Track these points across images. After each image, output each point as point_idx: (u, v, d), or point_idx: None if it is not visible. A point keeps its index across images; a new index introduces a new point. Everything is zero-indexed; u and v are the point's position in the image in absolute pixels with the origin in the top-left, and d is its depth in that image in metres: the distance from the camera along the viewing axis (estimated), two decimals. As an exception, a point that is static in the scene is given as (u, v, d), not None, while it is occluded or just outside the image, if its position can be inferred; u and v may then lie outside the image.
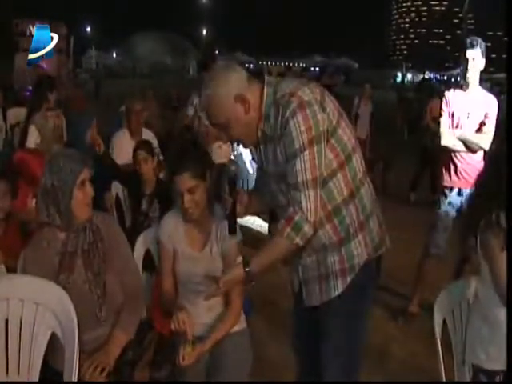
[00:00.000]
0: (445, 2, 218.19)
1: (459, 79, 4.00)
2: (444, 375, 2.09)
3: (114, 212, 3.85)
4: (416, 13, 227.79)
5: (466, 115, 3.66)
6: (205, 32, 77.02)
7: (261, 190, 2.10)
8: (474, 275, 2.17)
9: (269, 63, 69.37)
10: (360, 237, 1.95)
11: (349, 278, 1.95)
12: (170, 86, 12.67)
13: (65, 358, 1.99)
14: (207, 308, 2.30)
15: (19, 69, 13.58)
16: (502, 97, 6.56)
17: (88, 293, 2.12)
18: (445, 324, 2.17)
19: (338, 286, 1.96)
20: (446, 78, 53.09)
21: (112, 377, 2.05)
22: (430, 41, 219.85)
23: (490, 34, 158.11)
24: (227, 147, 5.28)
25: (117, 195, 3.94)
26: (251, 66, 51.14)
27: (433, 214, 3.85)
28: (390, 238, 2.07)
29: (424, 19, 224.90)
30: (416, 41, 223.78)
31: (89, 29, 70.06)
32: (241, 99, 1.86)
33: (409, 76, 67.85)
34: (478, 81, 3.67)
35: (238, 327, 2.36)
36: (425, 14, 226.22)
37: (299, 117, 1.77)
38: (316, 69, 41.13)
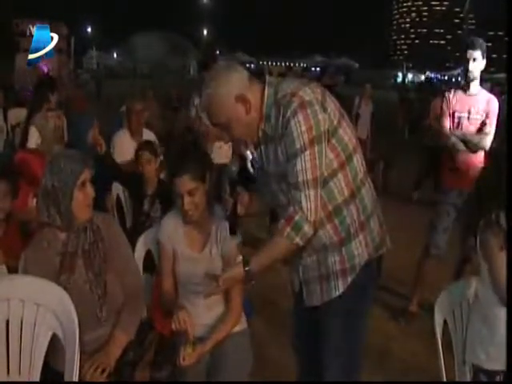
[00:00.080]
0: (446, 2, 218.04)
1: (460, 79, 4.00)
2: (445, 375, 2.09)
3: (114, 213, 3.85)
4: (417, 13, 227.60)
5: (466, 115, 3.66)
6: (205, 32, 77.00)
7: (261, 189, 2.10)
8: (474, 275, 2.17)
9: (269, 63, 69.39)
10: (361, 237, 1.95)
11: (349, 278, 1.95)
12: (170, 86, 12.65)
13: (65, 358, 1.98)
14: (207, 308, 2.30)
15: (20, 69, 13.61)
16: (502, 97, 6.57)
17: (89, 293, 2.12)
18: (445, 324, 2.17)
19: (339, 286, 1.96)
20: (446, 78, 53.06)
21: (113, 377, 2.05)
22: (430, 41, 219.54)
23: (491, 34, 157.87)
24: (228, 147, 5.26)
25: (117, 196, 3.94)
26: (252, 66, 51.16)
27: (434, 213, 3.85)
28: (391, 237, 2.07)
29: (425, 19, 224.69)
30: (417, 41, 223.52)
31: (89, 29, 70.13)
32: (242, 99, 1.86)
33: (409, 76, 67.85)
34: (479, 81, 3.68)
35: (239, 327, 2.36)
36: (425, 13, 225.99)
37: (300, 117, 1.77)
38: (317, 69, 41.19)
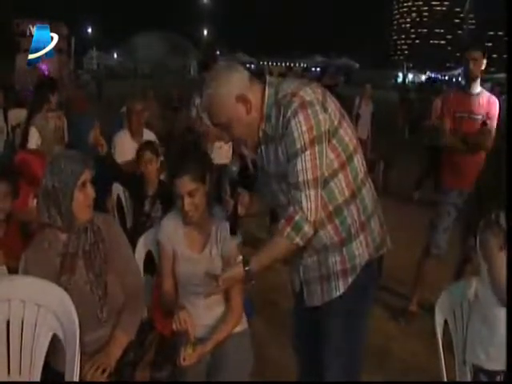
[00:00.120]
0: (446, 2, 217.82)
1: (460, 79, 4.01)
2: (445, 375, 2.10)
3: (115, 213, 3.85)
4: (417, 13, 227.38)
5: (466, 115, 3.66)
6: (205, 32, 76.98)
7: (262, 190, 2.10)
8: (474, 275, 2.17)
9: (270, 63, 69.34)
10: (361, 237, 1.95)
11: (350, 279, 1.95)
12: (170, 87, 12.65)
13: (66, 359, 1.99)
14: (208, 308, 2.30)
15: (20, 69, 13.58)
16: (502, 97, 6.57)
17: (89, 294, 2.12)
18: (446, 324, 2.17)
19: (340, 287, 1.96)
20: (447, 78, 53.06)
21: (113, 377, 2.06)
22: (431, 41, 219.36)
23: (491, 34, 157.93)
24: (228, 147, 5.26)
25: (118, 196, 3.94)
26: (252, 66, 51.16)
27: (434, 213, 3.86)
28: (391, 237, 2.07)
29: (425, 19, 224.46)
30: (417, 41, 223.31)
31: (90, 29, 70.11)
32: (242, 99, 1.86)
33: (410, 76, 67.80)
34: (479, 81, 3.68)
35: (240, 328, 2.36)
36: (426, 13, 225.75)
37: (301, 117, 1.77)
38: (317, 69, 41.19)
